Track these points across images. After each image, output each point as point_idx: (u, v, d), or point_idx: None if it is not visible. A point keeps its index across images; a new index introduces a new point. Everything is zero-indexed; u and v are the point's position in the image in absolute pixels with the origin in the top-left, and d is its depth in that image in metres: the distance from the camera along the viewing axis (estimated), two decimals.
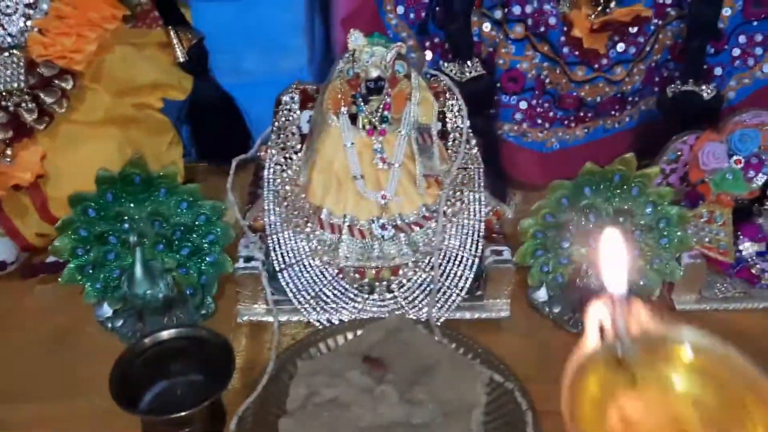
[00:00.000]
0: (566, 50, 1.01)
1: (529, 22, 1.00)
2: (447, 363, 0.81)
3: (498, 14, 1.02)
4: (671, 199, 0.88)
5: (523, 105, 1.06)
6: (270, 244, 0.90)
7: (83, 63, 0.93)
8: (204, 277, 0.91)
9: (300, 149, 0.95)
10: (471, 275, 0.91)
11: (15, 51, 0.91)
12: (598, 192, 0.88)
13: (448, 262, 0.91)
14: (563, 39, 1.01)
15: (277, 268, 0.90)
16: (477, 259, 0.91)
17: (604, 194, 0.88)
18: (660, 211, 0.88)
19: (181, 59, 1.05)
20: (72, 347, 0.89)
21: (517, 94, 1.05)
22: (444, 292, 0.90)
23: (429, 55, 1.07)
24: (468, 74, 1.02)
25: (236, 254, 0.90)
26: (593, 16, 0.99)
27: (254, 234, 0.92)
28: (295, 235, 0.91)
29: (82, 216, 0.86)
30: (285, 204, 0.92)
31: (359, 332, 0.86)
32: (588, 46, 1.00)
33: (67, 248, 0.87)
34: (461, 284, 0.91)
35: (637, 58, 1.04)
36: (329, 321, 0.89)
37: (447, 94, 0.96)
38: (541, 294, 0.93)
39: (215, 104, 1.11)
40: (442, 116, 0.96)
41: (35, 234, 0.98)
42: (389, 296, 0.91)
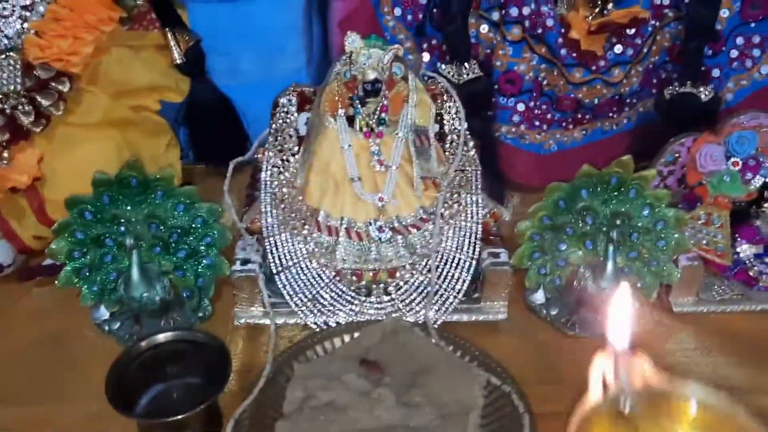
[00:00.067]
0: (564, 52, 1.01)
1: (527, 24, 1.00)
2: (444, 366, 0.81)
3: (495, 16, 1.02)
4: (668, 202, 0.88)
5: (521, 107, 1.06)
6: (267, 247, 0.90)
7: (80, 65, 0.93)
8: (201, 280, 0.91)
9: (297, 151, 0.95)
10: (468, 278, 0.91)
11: (11, 53, 0.91)
12: (595, 194, 0.88)
13: (446, 265, 0.91)
14: (561, 41, 1.01)
15: (274, 271, 0.90)
16: (474, 262, 0.91)
17: (601, 197, 0.88)
18: (657, 214, 0.88)
19: (178, 61, 1.05)
20: (69, 350, 0.89)
21: (515, 96, 1.05)
22: (441, 295, 0.90)
23: (426, 57, 1.07)
24: (465, 76, 1.02)
25: (233, 257, 0.90)
26: (590, 18, 0.99)
27: (251, 236, 0.92)
28: (292, 238, 0.91)
29: (79, 219, 0.86)
30: (282, 206, 0.92)
31: (356, 335, 0.86)
32: (585, 48, 1.00)
33: (64, 251, 0.87)
34: (458, 287, 0.90)
35: (635, 60, 1.04)
36: (326, 323, 0.89)
37: (444, 96, 0.96)
38: (539, 296, 0.93)
39: (212, 106, 1.10)
40: (440, 118, 0.96)
41: (32, 236, 0.98)
42: (386, 299, 0.90)
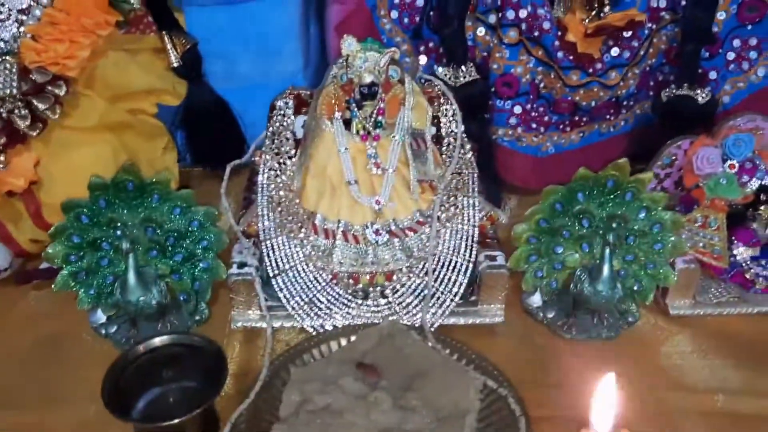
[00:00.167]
0: (560, 55, 1.01)
1: (524, 27, 1.00)
2: (441, 369, 0.81)
3: (492, 19, 1.02)
4: (665, 204, 0.88)
5: (518, 109, 1.06)
6: (264, 250, 0.90)
7: (76, 69, 0.93)
8: (197, 283, 0.91)
9: (294, 154, 0.95)
10: (465, 280, 0.91)
11: (8, 57, 0.91)
12: (592, 197, 0.88)
13: (442, 268, 0.91)
14: (557, 43, 1.01)
15: (271, 274, 0.90)
16: (471, 265, 0.91)
17: (598, 199, 0.88)
18: (654, 216, 0.88)
19: (175, 64, 1.05)
20: (65, 353, 0.89)
21: (512, 99, 1.05)
22: (438, 298, 0.90)
23: (423, 60, 1.07)
24: (462, 79, 1.02)
25: (230, 260, 0.90)
26: (587, 21, 0.99)
27: (248, 239, 0.92)
28: (289, 241, 0.91)
29: (75, 222, 0.86)
30: (279, 209, 0.92)
31: (353, 338, 0.86)
32: (582, 51, 1.00)
33: (61, 255, 0.87)
34: (455, 289, 0.90)
35: (632, 63, 1.04)
36: (323, 327, 0.89)
37: (441, 99, 0.96)
38: (535, 299, 0.93)
39: (209, 109, 1.11)
40: (437, 121, 0.96)
41: (29, 240, 0.98)
42: (383, 302, 0.90)
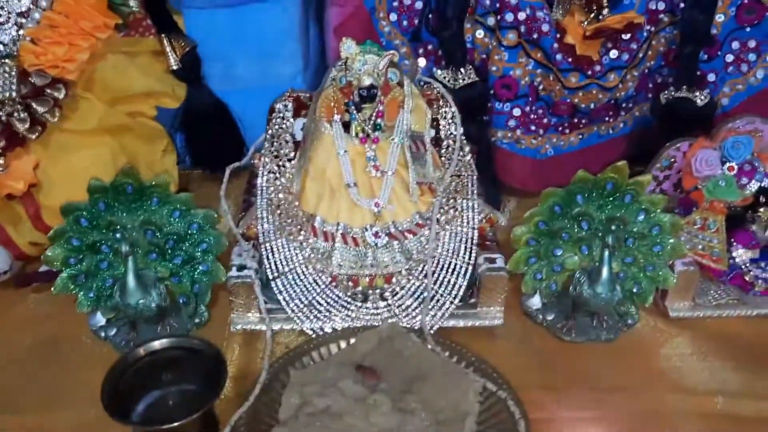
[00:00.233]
0: (559, 57, 1.01)
1: (522, 29, 1.00)
2: (440, 371, 0.81)
3: (491, 21, 1.02)
4: (664, 207, 0.88)
5: (517, 112, 1.06)
6: (263, 253, 0.90)
7: (75, 72, 0.93)
8: (197, 286, 0.91)
9: (293, 157, 0.95)
10: (464, 283, 0.91)
11: (7, 60, 0.91)
12: (591, 200, 0.88)
13: (442, 270, 0.91)
14: (556, 46, 1.01)
15: (270, 277, 0.90)
16: (470, 267, 0.91)
17: (597, 202, 0.88)
18: (653, 219, 0.88)
19: (174, 67, 1.05)
20: (65, 356, 0.89)
21: (511, 101, 1.05)
22: (437, 300, 0.90)
23: (422, 62, 1.07)
24: (461, 81, 1.02)
25: (229, 263, 0.90)
26: (586, 23, 0.99)
27: (247, 242, 0.92)
28: (289, 243, 0.91)
29: (75, 225, 0.86)
30: (278, 212, 0.92)
31: (352, 341, 0.86)
32: (581, 53, 1.00)
33: (60, 257, 0.87)
34: (454, 292, 0.90)
35: (630, 65, 1.04)
36: (322, 329, 0.89)
37: (440, 101, 0.96)
38: (535, 301, 0.93)
39: (209, 112, 1.11)
40: (436, 123, 0.96)
41: (28, 243, 0.98)
42: (382, 304, 0.90)
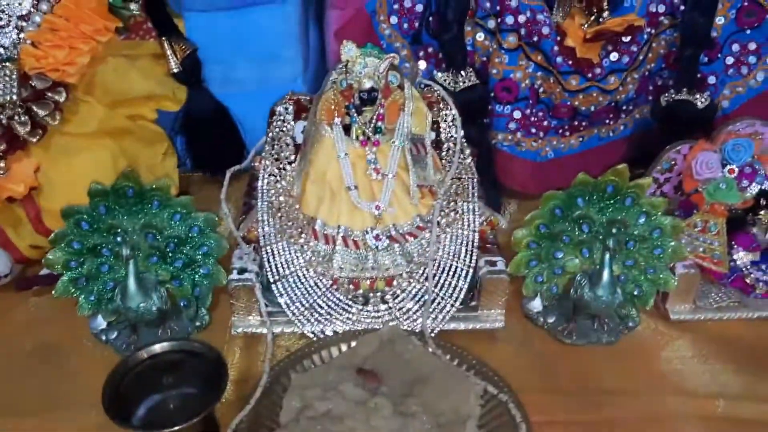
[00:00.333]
0: (560, 60, 1.01)
1: (523, 32, 1.00)
2: (441, 374, 0.81)
3: (491, 24, 1.02)
4: (664, 209, 0.88)
5: (517, 114, 1.06)
6: (264, 256, 0.90)
7: (76, 75, 0.93)
8: (198, 289, 0.91)
9: (294, 160, 0.95)
10: (465, 286, 0.91)
11: (7, 64, 0.91)
12: (591, 202, 0.88)
13: (443, 273, 0.91)
14: (556, 48, 1.01)
15: (271, 280, 0.90)
16: (471, 270, 0.91)
17: (598, 205, 0.88)
18: (653, 221, 0.88)
19: (175, 70, 1.05)
20: (65, 359, 0.89)
21: (511, 104, 1.05)
22: (438, 303, 0.90)
23: (422, 65, 1.08)
24: (462, 84, 1.02)
25: (230, 266, 0.90)
26: (586, 26, 0.99)
27: (248, 245, 0.92)
28: (289, 246, 0.91)
29: (75, 229, 0.86)
30: (279, 215, 0.92)
31: (353, 344, 0.86)
32: (581, 56, 1.00)
33: (61, 261, 0.87)
34: (455, 295, 0.90)
35: (631, 67, 1.04)
36: (323, 332, 0.89)
37: (441, 104, 0.96)
38: (536, 304, 0.93)
39: (209, 115, 1.11)
40: (436, 126, 0.96)
41: (29, 246, 0.98)
42: (383, 307, 0.90)
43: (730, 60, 1.06)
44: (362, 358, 0.83)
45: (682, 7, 1.01)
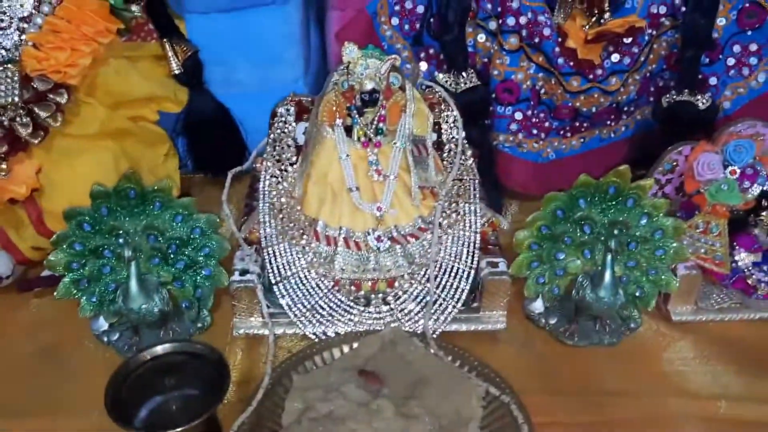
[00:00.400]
0: (561, 61, 1.01)
1: (524, 33, 1.00)
2: (443, 376, 0.81)
3: (492, 25, 1.02)
4: (666, 210, 0.88)
5: (519, 116, 1.06)
6: (265, 257, 0.90)
7: (78, 77, 0.93)
8: (199, 291, 0.91)
9: (295, 161, 0.95)
10: (467, 287, 0.91)
11: (9, 65, 0.91)
12: (593, 204, 0.88)
13: (444, 274, 0.91)
14: (558, 50, 1.01)
15: (273, 281, 0.90)
16: (473, 271, 0.91)
17: (599, 206, 0.88)
18: (655, 223, 0.88)
19: (176, 71, 1.05)
20: (67, 361, 0.89)
21: (512, 105, 1.05)
22: (440, 304, 0.90)
23: (424, 66, 1.07)
24: (463, 85, 1.02)
25: (232, 267, 0.90)
26: (587, 27, 0.99)
27: (250, 246, 0.92)
28: (291, 248, 0.91)
29: (77, 230, 0.86)
30: (280, 216, 0.92)
31: (355, 345, 0.86)
32: (583, 57, 1.00)
33: (62, 262, 0.87)
34: (457, 296, 0.90)
35: (632, 69, 1.04)
36: (325, 334, 0.89)
37: (442, 105, 0.96)
38: (538, 305, 0.93)
39: (211, 116, 1.11)
40: (438, 127, 0.96)
41: (31, 247, 0.98)
42: (385, 308, 0.90)
43: (732, 61, 1.06)
44: (364, 360, 0.83)
45: (684, 9, 1.01)
